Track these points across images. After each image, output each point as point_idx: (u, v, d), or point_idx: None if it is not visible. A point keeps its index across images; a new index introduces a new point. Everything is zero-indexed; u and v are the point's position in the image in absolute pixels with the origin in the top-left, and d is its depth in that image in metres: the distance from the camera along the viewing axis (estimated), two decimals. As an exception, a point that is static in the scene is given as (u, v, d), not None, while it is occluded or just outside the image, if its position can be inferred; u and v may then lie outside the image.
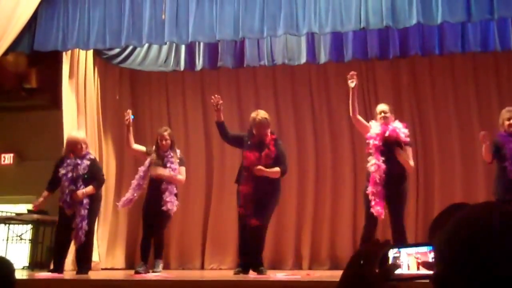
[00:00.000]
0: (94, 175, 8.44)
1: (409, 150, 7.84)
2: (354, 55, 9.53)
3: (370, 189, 7.66)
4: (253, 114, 8.23)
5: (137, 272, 8.18)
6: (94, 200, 8.46)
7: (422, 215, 9.83)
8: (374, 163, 7.66)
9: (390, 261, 1.52)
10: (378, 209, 7.53)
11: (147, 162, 8.61)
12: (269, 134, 8.13)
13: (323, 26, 8.38)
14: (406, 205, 7.87)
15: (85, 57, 10.16)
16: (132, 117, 8.74)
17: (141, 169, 8.64)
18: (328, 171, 10.37)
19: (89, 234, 8.43)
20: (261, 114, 8.20)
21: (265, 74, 10.74)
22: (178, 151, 8.71)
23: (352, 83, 7.83)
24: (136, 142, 10.69)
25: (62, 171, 8.39)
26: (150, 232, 8.51)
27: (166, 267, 10.05)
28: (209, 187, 10.71)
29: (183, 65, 10.33)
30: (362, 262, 1.47)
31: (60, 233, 8.47)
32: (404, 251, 1.55)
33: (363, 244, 7.31)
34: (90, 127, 10.00)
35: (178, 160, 8.55)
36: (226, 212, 10.43)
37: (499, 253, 1.27)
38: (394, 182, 7.62)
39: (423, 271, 1.55)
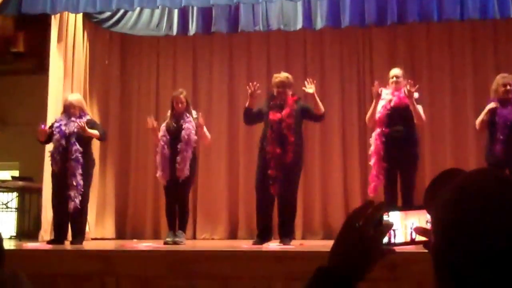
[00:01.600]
0: (95, 129, 8.32)
1: (420, 108, 7.83)
2: (351, 21, 9.39)
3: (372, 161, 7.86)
4: (275, 75, 8.13)
5: (166, 243, 8.05)
6: (88, 164, 8.32)
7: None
8: (374, 136, 7.85)
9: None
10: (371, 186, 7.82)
11: (163, 127, 8.35)
12: (290, 94, 7.97)
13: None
14: (416, 169, 7.90)
15: (75, 21, 9.96)
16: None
17: (161, 137, 8.33)
18: (317, 139, 10.29)
19: (84, 201, 8.23)
20: (283, 74, 8.08)
21: (259, 40, 10.60)
22: (194, 112, 8.49)
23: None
24: (124, 106, 10.77)
25: (56, 124, 8.27)
26: (173, 199, 8.37)
27: (157, 236, 10.02)
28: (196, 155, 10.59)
29: (176, 29, 10.17)
30: (357, 224, 1.47)
31: (57, 200, 8.28)
32: (395, 214, 1.52)
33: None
34: (76, 92, 9.63)
35: (195, 121, 8.34)
36: (215, 181, 10.42)
37: (499, 223, 1.25)
38: (404, 146, 7.72)
39: (418, 237, 1.54)
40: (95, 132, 8.26)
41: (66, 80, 9.74)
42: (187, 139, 8.20)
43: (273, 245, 7.58)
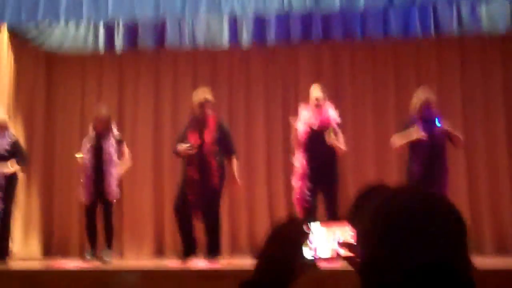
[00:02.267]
0: (17, 153, 8.29)
1: (341, 137, 7.94)
2: (276, 37, 9.57)
3: (294, 184, 7.92)
4: (194, 93, 8.13)
5: (86, 259, 8.08)
6: (12, 180, 8.30)
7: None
8: (298, 160, 7.91)
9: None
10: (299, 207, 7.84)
11: (86, 148, 8.38)
12: (210, 114, 7.98)
13: (245, 7, 8.33)
14: (337, 186, 7.96)
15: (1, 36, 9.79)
16: None
17: (85, 157, 8.36)
18: (241, 155, 9.90)
19: (6, 218, 8.25)
20: (201, 93, 8.06)
21: (186, 57, 10.55)
22: (114, 129, 8.54)
23: None
24: (49, 125, 10.63)
25: None
26: (94, 216, 8.42)
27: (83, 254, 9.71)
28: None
29: (102, 45, 10.10)
30: (283, 243, 1.49)
31: None
32: (318, 227, 1.55)
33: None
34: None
35: (115, 141, 8.43)
36: (140, 200, 10.35)
37: (425, 239, 1.28)
38: (326, 167, 7.82)
39: (343, 252, 1.56)
40: (16, 167, 8.28)
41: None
42: (109, 160, 8.28)
43: (201, 263, 7.61)
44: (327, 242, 1.56)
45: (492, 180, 9.68)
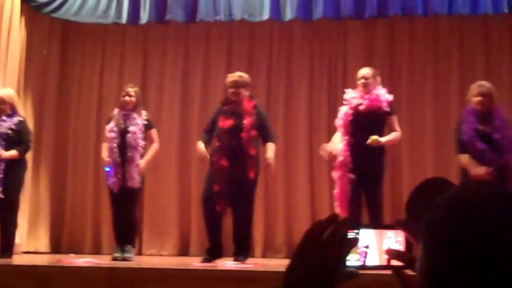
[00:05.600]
0: (21, 137, 7.67)
1: (394, 119, 7.19)
2: (324, 12, 8.73)
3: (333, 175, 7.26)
4: (229, 75, 7.57)
5: (114, 259, 7.50)
6: (19, 166, 7.68)
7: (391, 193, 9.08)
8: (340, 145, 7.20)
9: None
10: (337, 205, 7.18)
11: (111, 127, 7.66)
12: (247, 98, 7.38)
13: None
14: (382, 183, 7.28)
15: (11, 4, 9.16)
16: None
17: (111, 136, 7.65)
18: (280, 143, 9.31)
19: (13, 208, 7.66)
20: (237, 73, 7.53)
21: (219, 31, 9.80)
22: (144, 112, 7.91)
23: None
24: (62, 106, 9.88)
25: None
26: (121, 209, 7.77)
27: (98, 251, 9.33)
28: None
29: (126, 17, 9.35)
30: (319, 240, 1.26)
31: None
32: (368, 232, 1.36)
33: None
34: (8, 86, 8.86)
35: (145, 123, 7.76)
36: (164, 190, 9.58)
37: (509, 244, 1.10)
38: (370, 157, 6.97)
39: (394, 261, 1.34)
40: (12, 153, 7.57)
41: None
42: (134, 144, 7.61)
43: (229, 263, 7.07)
44: (376, 248, 1.35)
45: None
